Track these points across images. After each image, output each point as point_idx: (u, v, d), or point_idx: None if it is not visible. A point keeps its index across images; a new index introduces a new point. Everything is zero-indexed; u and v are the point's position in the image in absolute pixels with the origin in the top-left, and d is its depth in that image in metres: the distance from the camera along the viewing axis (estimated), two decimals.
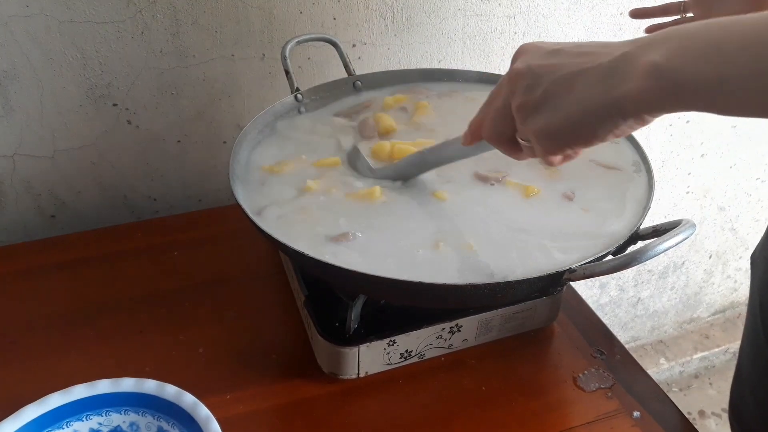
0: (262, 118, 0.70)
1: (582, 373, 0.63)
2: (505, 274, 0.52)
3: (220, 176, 0.91)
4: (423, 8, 0.90)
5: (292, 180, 0.63)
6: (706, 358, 1.63)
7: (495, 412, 0.59)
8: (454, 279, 0.51)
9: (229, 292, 0.72)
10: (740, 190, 1.40)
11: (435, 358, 0.64)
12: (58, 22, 0.73)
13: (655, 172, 0.63)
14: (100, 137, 0.83)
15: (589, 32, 1.02)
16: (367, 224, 0.57)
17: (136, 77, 0.80)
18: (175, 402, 0.50)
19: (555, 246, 0.55)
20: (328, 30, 0.86)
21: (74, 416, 0.51)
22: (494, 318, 0.63)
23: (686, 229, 0.48)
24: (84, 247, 0.77)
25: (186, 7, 0.78)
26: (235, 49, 0.83)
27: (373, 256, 0.54)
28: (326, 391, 0.61)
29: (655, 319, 1.60)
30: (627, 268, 0.48)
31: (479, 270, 0.53)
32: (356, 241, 0.55)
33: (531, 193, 0.60)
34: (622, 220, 0.58)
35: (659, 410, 0.60)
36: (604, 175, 0.64)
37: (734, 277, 1.59)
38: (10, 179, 0.81)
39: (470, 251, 0.54)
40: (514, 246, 0.55)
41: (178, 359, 0.63)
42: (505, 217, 0.58)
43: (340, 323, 0.60)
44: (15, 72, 0.75)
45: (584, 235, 0.56)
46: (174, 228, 0.82)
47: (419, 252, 0.54)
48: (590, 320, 0.70)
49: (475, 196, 0.61)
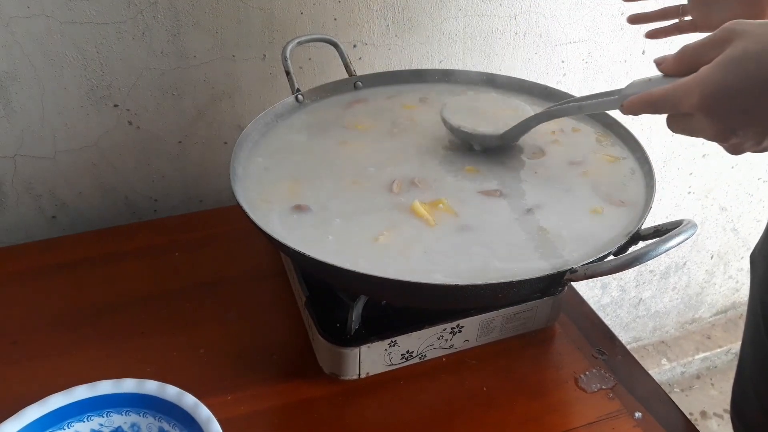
0: (263, 118, 0.70)
1: (583, 373, 0.63)
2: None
3: (221, 177, 0.91)
4: (424, 9, 0.90)
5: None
6: (707, 359, 1.63)
7: (496, 413, 0.59)
8: (455, 279, 0.51)
9: (230, 293, 0.72)
10: (742, 190, 1.40)
11: (436, 359, 0.64)
12: (59, 23, 0.73)
13: (657, 172, 0.63)
14: (101, 138, 0.83)
15: (591, 32, 1.02)
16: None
17: (137, 78, 0.80)
18: (176, 403, 0.50)
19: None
20: (329, 30, 0.86)
21: (75, 417, 0.51)
22: (495, 318, 0.63)
23: (688, 230, 0.48)
24: (85, 248, 0.77)
25: (187, 7, 0.78)
26: (236, 50, 0.83)
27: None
28: (327, 392, 0.61)
29: (656, 320, 1.60)
30: (628, 269, 0.48)
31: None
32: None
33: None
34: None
35: (661, 411, 0.60)
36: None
37: (736, 277, 1.59)
38: (11, 180, 0.82)
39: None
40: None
41: (179, 360, 0.63)
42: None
43: (341, 324, 0.60)
44: (16, 73, 0.75)
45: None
46: (175, 228, 0.82)
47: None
48: (592, 321, 0.70)
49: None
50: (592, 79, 1.08)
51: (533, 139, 0.68)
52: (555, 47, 1.01)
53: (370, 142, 0.69)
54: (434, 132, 0.71)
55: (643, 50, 1.08)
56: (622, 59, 1.08)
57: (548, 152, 0.68)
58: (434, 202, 0.60)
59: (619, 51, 1.07)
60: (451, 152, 0.68)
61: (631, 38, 1.06)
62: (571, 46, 1.03)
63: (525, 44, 0.99)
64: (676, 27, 0.70)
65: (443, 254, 0.54)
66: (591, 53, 1.05)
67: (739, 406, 0.73)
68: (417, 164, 0.66)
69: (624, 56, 1.07)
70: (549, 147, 0.69)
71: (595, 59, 1.06)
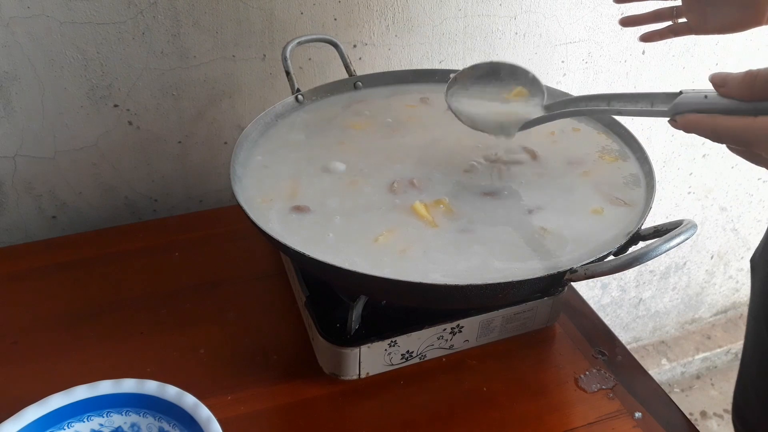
0: (263, 118, 0.70)
1: (583, 373, 0.63)
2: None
3: (221, 177, 0.91)
4: (424, 9, 0.90)
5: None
6: (707, 359, 1.63)
7: (496, 413, 0.59)
8: (455, 279, 0.51)
9: (230, 293, 0.72)
10: (742, 190, 1.40)
11: (436, 359, 0.64)
12: (59, 23, 0.73)
13: (657, 172, 0.63)
14: (101, 138, 0.83)
15: (590, 33, 1.02)
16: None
17: (137, 78, 0.80)
18: (176, 403, 0.50)
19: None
20: (329, 31, 0.86)
21: (75, 417, 0.51)
22: (495, 318, 0.63)
23: (688, 230, 0.48)
24: (85, 248, 0.77)
25: (187, 8, 0.78)
26: (236, 50, 0.83)
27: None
28: (327, 392, 0.61)
29: (656, 320, 1.60)
30: (628, 269, 0.48)
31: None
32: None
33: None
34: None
35: (661, 411, 0.60)
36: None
37: (736, 277, 1.59)
38: (11, 180, 0.82)
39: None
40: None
41: (179, 360, 0.63)
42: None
43: (341, 324, 0.60)
44: (16, 73, 0.75)
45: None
46: (175, 228, 0.82)
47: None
48: (592, 321, 0.70)
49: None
50: (592, 79, 1.08)
51: (533, 138, 0.68)
52: (555, 47, 1.01)
53: (370, 142, 0.69)
54: (434, 132, 0.71)
55: (643, 50, 1.08)
56: (622, 59, 1.08)
57: (548, 152, 0.68)
58: (434, 202, 0.60)
59: (619, 51, 1.07)
60: (451, 152, 0.68)
61: (631, 38, 1.06)
62: (571, 47, 1.03)
63: (525, 44, 0.99)
64: (671, 29, 0.68)
65: (443, 254, 0.54)
66: (591, 53, 1.05)
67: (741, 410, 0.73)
68: (417, 164, 0.66)
69: (624, 56, 1.08)
70: (549, 147, 0.69)
71: (595, 59, 1.06)
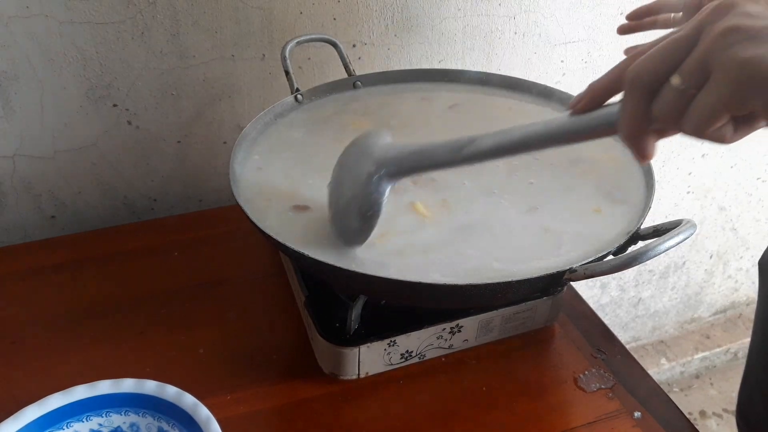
0: (263, 118, 0.70)
1: (583, 373, 0.63)
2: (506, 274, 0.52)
3: (221, 177, 0.91)
4: (423, 8, 0.90)
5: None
6: (707, 359, 1.63)
7: (496, 413, 0.59)
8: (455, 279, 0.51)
9: (229, 293, 0.72)
10: (741, 189, 1.40)
11: (435, 359, 0.64)
12: (58, 22, 0.73)
13: (656, 171, 0.63)
14: (100, 138, 0.83)
15: (590, 32, 1.02)
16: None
17: (136, 78, 0.80)
18: (176, 403, 0.50)
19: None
20: (328, 30, 0.86)
21: (75, 417, 0.51)
22: (495, 318, 0.63)
23: (687, 229, 0.48)
24: (84, 248, 0.77)
25: (186, 7, 0.78)
26: (235, 50, 0.83)
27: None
28: (326, 392, 0.61)
29: (655, 319, 1.60)
30: (628, 268, 0.48)
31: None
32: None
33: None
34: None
35: (660, 410, 0.60)
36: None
37: (735, 277, 1.59)
38: (11, 180, 0.81)
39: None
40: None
41: (179, 360, 0.63)
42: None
43: (341, 324, 0.60)
44: (15, 73, 0.75)
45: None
46: (174, 228, 0.82)
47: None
48: (591, 320, 0.70)
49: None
50: (592, 79, 1.07)
51: None
52: (554, 47, 1.01)
53: None
54: (434, 131, 0.71)
55: None
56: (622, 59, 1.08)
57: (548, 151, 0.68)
58: (434, 201, 0.60)
59: (619, 51, 1.06)
60: None
61: (631, 38, 1.05)
62: (571, 46, 1.03)
63: (524, 44, 0.99)
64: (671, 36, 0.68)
65: (443, 254, 0.54)
66: (590, 53, 1.05)
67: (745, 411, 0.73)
68: None
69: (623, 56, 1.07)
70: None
71: (595, 59, 1.06)
